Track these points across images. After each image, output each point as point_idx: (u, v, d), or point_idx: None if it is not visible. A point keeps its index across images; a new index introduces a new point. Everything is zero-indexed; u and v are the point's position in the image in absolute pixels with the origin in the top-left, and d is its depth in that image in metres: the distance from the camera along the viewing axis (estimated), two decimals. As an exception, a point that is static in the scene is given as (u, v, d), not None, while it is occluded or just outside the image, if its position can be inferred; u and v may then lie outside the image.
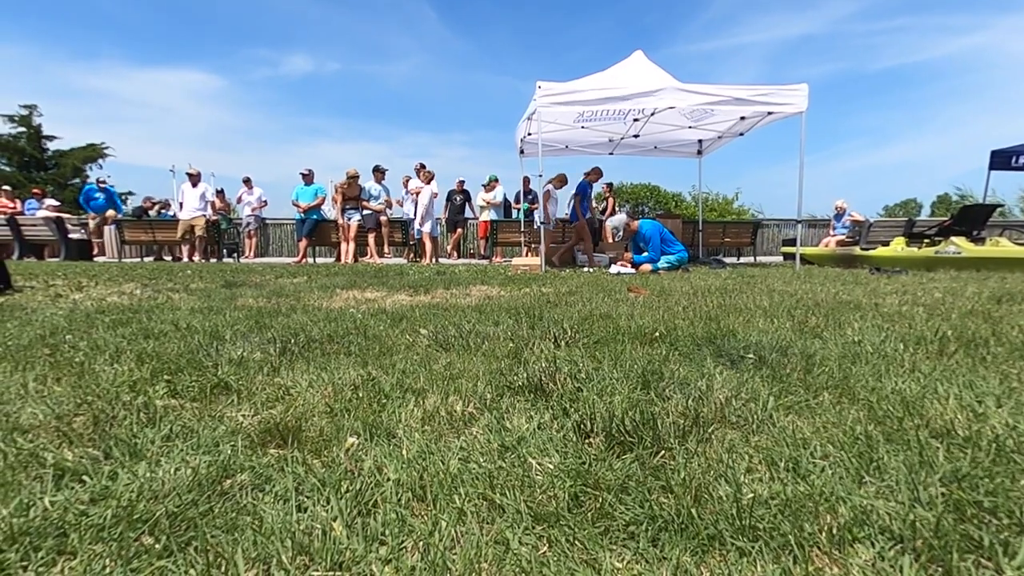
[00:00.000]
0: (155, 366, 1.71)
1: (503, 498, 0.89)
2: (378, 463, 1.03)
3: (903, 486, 0.89)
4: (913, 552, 0.73)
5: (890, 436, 1.11)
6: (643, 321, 2.48)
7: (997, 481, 0.90)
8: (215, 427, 1.21)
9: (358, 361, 1.82)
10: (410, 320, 2.63)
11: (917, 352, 1.86)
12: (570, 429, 1.19)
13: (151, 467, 1.01)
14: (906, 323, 2.41)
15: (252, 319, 2.65)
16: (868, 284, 4.50)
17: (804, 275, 5.70)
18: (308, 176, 10.29)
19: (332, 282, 4.93)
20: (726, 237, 11.79)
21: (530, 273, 6.41)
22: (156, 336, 2.22)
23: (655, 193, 22.27)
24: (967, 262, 6.27)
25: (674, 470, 0.98)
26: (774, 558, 0.73)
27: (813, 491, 0.88)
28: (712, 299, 3.39)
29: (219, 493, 0.91)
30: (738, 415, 1.25)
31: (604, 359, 1.79)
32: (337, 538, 0.78)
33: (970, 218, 8.18)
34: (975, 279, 4.76)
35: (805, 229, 14.29)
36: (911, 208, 32.55)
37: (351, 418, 1.27)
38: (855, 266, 7.42)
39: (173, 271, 6.51)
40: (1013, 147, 9.86)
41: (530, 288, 4.42)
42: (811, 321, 2.48)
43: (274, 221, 14.19)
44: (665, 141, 10.06)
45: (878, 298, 3.40)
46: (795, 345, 1.94)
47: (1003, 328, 2.24)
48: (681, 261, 6.94)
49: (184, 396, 1.46)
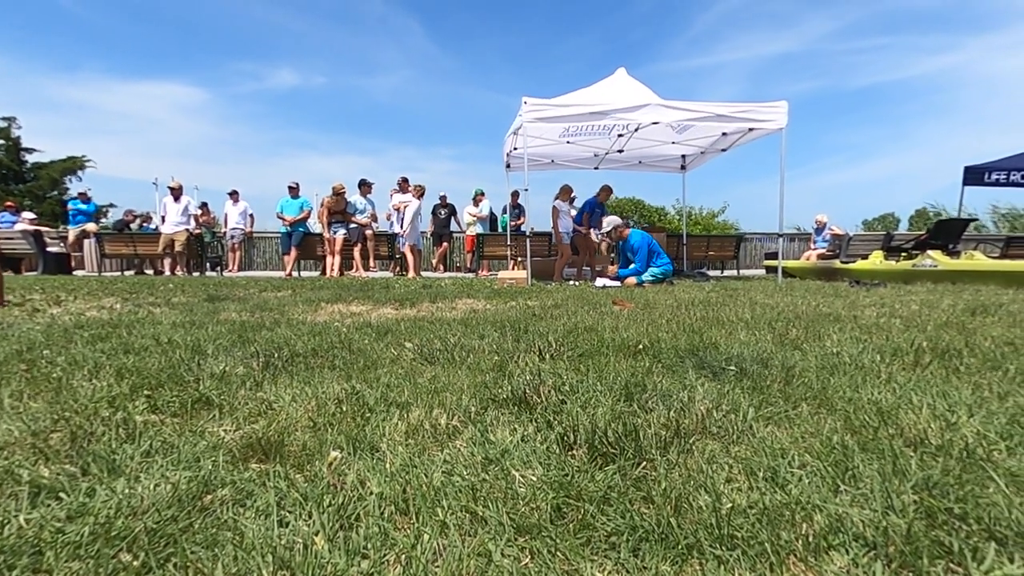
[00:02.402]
0: (135, 381, 1.69)
1: (486, 510, 0.89)
2: (361, 477, 1.03)
3: (877, 494, 0.91)
4: (886, 558, 0.75)
5: (865, 445, 1.13)
6: (627, 334, 2.50)
7: (967, 488, 0.92)
8: (196, 442, 1.20)
9: (342, 375, 1.82)
10: (395, 334, 2.63)
11: (893, 363, 1.90)
12: (553, 441, 1.20)
13: (130, 483, 0.99)
14: (883, 335, 2.46)
15: (235, 333, 2.63)
16: (848, 297, 4.58)
17: (786, 288, 5.79)
18: (294, 190, 10.27)
19: (317, 296, 4.90)
20: (710, 250, 11.94)
21: (516, 286, 6.43)
22: (136, 351, 2.19)
23: (639, 207, 22.53)
24: (943, 275, 6.42)
25: (655, 481, 0.99)
26: (751, 566, 0.74)
27: (790, 500, 0.90)
28: (695, 312, 3.43)
29: (199, 509, 0.91)
30: (719, 426, 1.27)
31: (588, 371, 1.80)
32: (319, 552, 0.78)
33: (945, 232, 8.38)
34: (951, 291, 4.88)
35: (787, 243, 14.52)
36: (889, 222, 33.24)
37: (334, 432, 1.27)
38: (835, 279, 7.55)
39: (155, 285, 6.43)
40: (985, 163, 10.17)
41: (516, 301, 4.43)
42: (791, 333, 2.52)
43: (260, 234, 14.10)
44: (649, 156, 10.22)
45: (857, 310, 3.47)
46: (776, 357, 1.97)
47: (976, 339, 2.30)
48: (666, 274, 7.02)
49: (164, 411, 1.44)
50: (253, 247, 14.24)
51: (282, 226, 10.32)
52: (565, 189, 9.05)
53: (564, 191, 9.09)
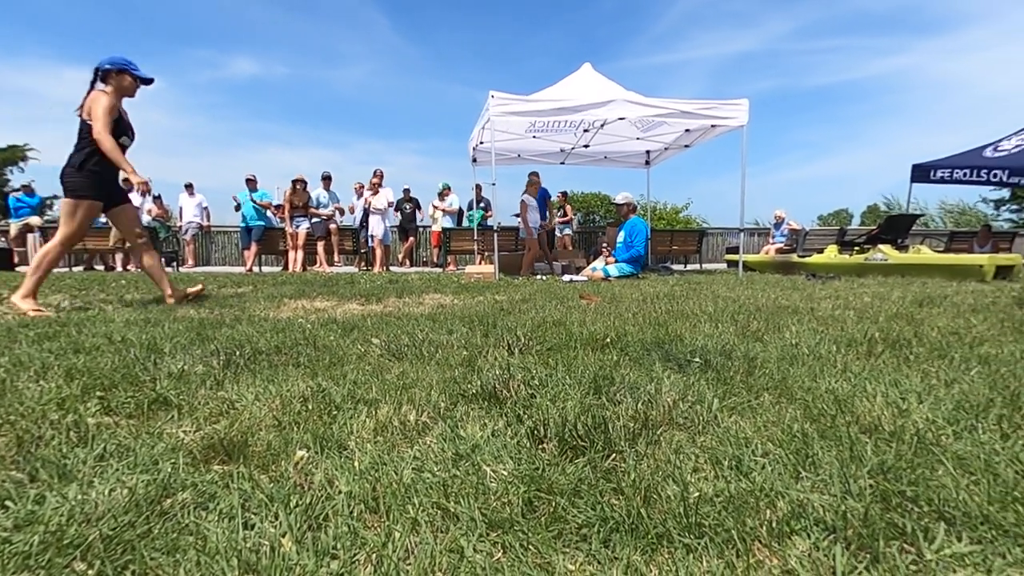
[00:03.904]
0: (86, 382, 1.61)
1: (457, 506, 0.89)
2: (329, 476, 1.01)
3: (835, 479, 0.94)
4: (845, 541, 0.77)
5: (824, 433, 1.18)
6: (595, 327, 2.53)
7: (919, 472, 0.97)
8: (154, 444, 1.16)
9: (307, 372, 1.78)
10: (362, 330, 2.59)
11: (848, 353, 1.97)
12: (524, 435, 1.20)
13: (83, 489, 0.95)
14: (839, 326, 2.56)
15: (194, 331, 2.54)
16: (805, 289, 4.74)
17: (746, 281, 5.95)
18: (252, 182, 9.98)
19: (280, 292, 4.78)
20: (674, 245, 12.17)
21: (484, 281, 6.41)
22: (87, 350, 2.09)
23: (604, 202, 22.75)
24: (893, 268, 6.72)
25: (625, 472, 1.00)
26: (718, 553, 0.76)
27: (754, 487, 0.92)
28: (660, 305, 3.49)
29: (159, 513, 0.87)
30: (685, 417, 1.29)
31: (557, 365, 1.81)
32: (286, 554, 0.76)
33: (895, 227, 8.76)
34: (900, 284, 5.10)
35: (747, 237, 14.92)
36: (843, 217, 34.56)
37: (300, 431, 1.24)
38: (793, 272, 7.81)
39: (106, 281, 6.16)
40: (931, 161, 10.64)
41: (484, 296, 4.42)
42: (753, 325, 2.60)
43: (218, 228, 13.66)
44: (614, 152, 10.33)
45: (814, 303, 3.59)
46: (738, 348, 2.02)
47: (924, 329, 2.41)
48: (635, 272, 7.10)
49: (119, 413, 1.38)
50: (211, 242, 13.81)
51: (241, 220, 10.03)
52: (533, 183, 9.05)
53: (532, 185, 9.09)
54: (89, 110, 3.52)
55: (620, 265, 7.04)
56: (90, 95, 3.57)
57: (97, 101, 3.51)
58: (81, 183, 3.58)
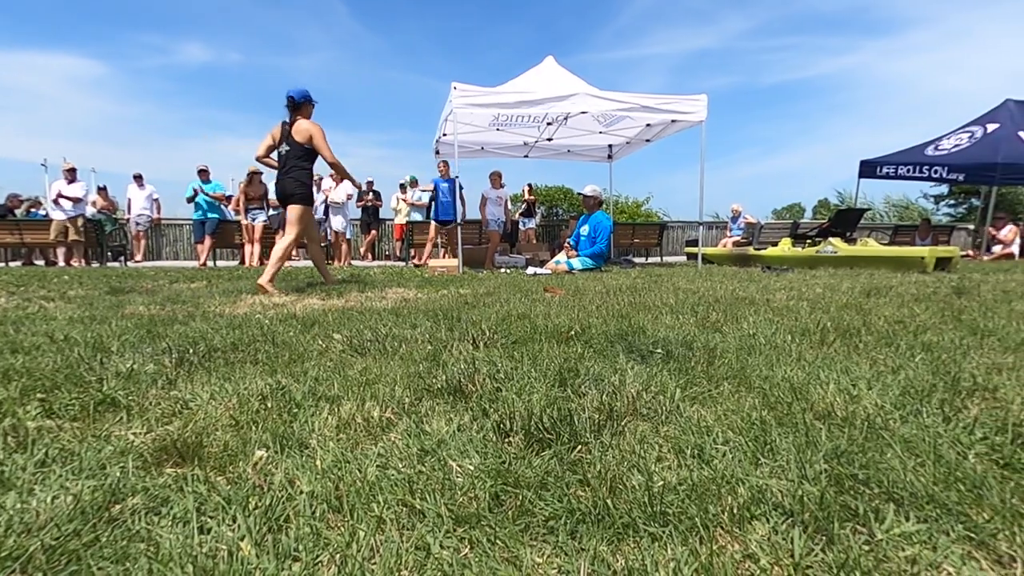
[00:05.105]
0: (25, 383, 1.52)
1: (423, 503, 0.88)
2: (290, 476, 0.98)
3: (793, 465, 0.97)
4: (802, 524, 0.80)
5: (781, 420, 1.21)
6: (559, 320, 2.54)
7: (869, 455, 1.01)
8: (100, 448, 1.10)
9: (266, 370, 1.73)
10: (322, 325, 2.53)
11: (803, 343, 2.04)
12: (490, 429, 1.19)
13: (22, 497, 0.89)
14: (793, 316, 2.64)
15: (143, 328, 2.43)
16: (760, 281, 4.89)
17: (705, 274, 6.09)
18: (205, 173, 9.61)
19: (236, 286, 4.63)
20: (635, 238, 12.37)
21: (447, 275, 6.37)
22: (26, 350, 1.97)
23: (568, 195, 22.88)
24: (842, 260, 6.99)
25: (590, 463, 1.01)
26: (683, 540, 0.77)
27: (716, 475, 0.94)
28: (623, 298, 3.54)
29: (107, 520, 0.83)
30: (649, 407, 1.31)
31: (522, 358, 1.81)
32: (245, 558, 0.73)
33: (844, 221, 9.11)
34: (849, 275, 5.32)
35: (706, 231, 15.29)
36: (796, 211, 35.74)
37: (259, 430, 1.20)
38: (749, 265, 8.04)
39: (46, 276, 5.84)
40: (877, 158, 11.14)
41: (448, 290, 4.39)
42: (712, 316, 2.66)
43: (169, 221, 13.13)
44: (577, 146, 10.40)
45: (769, 294, 3.71)
46: (698, 339, 2.07)
47: (872, 319, 2.52)
48: (597, 266, 7.17)
49: (62, 415, 1.31)
50: (162, 235, 13.26)
51: (194, 212, 9.65)
52: (494, 176, 9.04)
53: (493, 178, 9.08)
54: (308, 138, 4.44)
55: (583, 258, 7.11)
56: (298, 124, 4.46)
57: (317, 134, 4.45)
58: (308, 195, 4.61)
